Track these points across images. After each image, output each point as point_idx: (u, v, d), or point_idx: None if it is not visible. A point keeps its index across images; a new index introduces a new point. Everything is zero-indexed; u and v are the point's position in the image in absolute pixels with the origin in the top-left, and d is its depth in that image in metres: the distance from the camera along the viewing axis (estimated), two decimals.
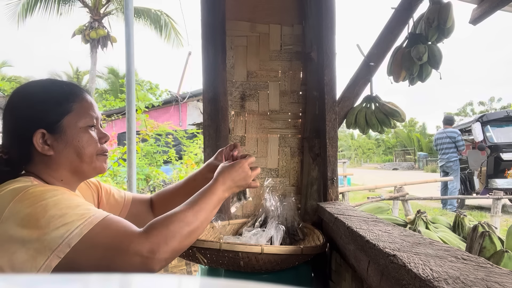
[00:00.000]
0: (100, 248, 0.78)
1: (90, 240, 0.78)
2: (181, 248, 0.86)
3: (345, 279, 1.30)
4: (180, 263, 3.05)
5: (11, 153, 0.94)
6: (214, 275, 1.36)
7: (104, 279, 0.31)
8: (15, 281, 0.28)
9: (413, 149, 34.48)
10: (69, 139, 0.94)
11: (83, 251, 0.77)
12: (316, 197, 1.84)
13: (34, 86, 0.99)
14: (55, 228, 0.76)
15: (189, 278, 0.33)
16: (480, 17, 1.95)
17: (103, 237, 0.79)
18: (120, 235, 0.79)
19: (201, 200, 0.95)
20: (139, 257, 0.78)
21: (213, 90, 1.81)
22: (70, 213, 0.79)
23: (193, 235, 0.89)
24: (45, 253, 0.76)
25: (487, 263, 0.62)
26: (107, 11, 14.49)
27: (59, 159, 0.94)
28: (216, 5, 1.83)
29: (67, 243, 0.76)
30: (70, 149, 0.94)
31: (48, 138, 0.92)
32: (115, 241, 0.79)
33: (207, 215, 0.94)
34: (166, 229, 0.83)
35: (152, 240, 0.80)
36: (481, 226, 1.80)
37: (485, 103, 36.33)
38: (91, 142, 0.97)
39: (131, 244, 0.78)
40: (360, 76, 2.02)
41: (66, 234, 0.76)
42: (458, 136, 7.61)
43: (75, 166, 0.96)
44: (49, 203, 0.79)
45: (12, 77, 18.22)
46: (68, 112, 0.94)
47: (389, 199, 4.93)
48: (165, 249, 0.81)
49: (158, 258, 0.80)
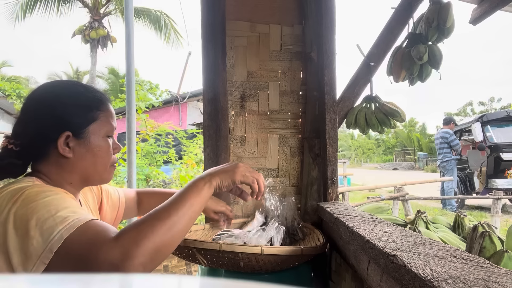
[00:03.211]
0: (74, 257, 0.74)
1: (68, 246, 0.74)
2: (159, 247, 0.77)
3: (345, 279, 1.30)
4: (180, 263, 3.05)
5: (24, 146, 0.92)
6: (214, 275, 1.36)
7: (104, 279, 0.31)
8: (16, 281, 0.28)
9: (413, 149, 34.48)
10: (90, 146, 0.95)
11: (61, 258, 0.74)
12: (316, 197, 1.84)
13: (67, 87, 0.99)
14: (40, 232, 0.74)
15: (189, 278, 0.33)
16: (480, 17, 1.95)
17: (76, 244, 0.74)
18: (90, 243, 0.74)
19: (178, 195, 0.87)
20: (109, 266, 0.71)
21: (213, 90, 1.81)
22: (56, 215, 0.76)
23: (173, 231, 0.80)
24: (32, 259, 0.74)
25: (487, 263, 0.62)
26: (107, 11, 14.50)
27: (75, 163, 0.94)
28: (216, 5, 1.83)
29: (49, 249, 0.74)
30: (89, 155, 0.96)
31: (71, 141, 0.93)
32: (85, 251, 0.73)
33: (186, 208, 0.84)
34: (135, 231, 0.76)
35: (121, 244, 0.73)
36: (481, 226, 1.79)
37: (485, 103, 36.33)
38: (108, 152, 0.99)
39: (99, 252, 0.72)
40: (360, 76, 2.02)
41: (49, 239, 0.74)
42: (450, 136, 7.67)
43: (88, 172, 0.97)
44: (39, 204, 0.77)
45: (12, 77, 18.21)
46: (95, 120, 0.96)
47: (389, 199, 4.94)
48: (137, 252, 0.73)
49: (132, 263, 0.72)
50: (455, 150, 7.67)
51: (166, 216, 0.81)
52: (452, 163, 7.63)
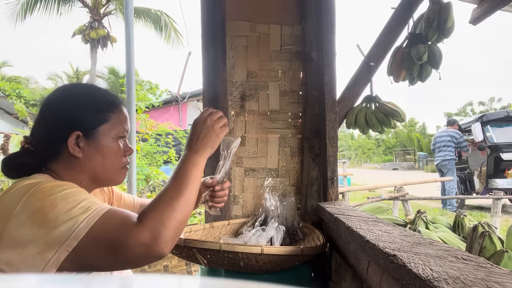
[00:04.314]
0: (104, 242, 0.78)
1: (95, 233, 0.78)
2: (180, 222, 0.84)
3: (345, 279, 1.30)
4: (180, 263, 3.05)
5: (39, 146, 0.95)
6: (214, 275, 1.36)
7: (105, 279, 0.31)
8: (16, 281, 0.28)
9: (413, 149, 34.48)
10: (100, 147, 0.97)
11: (89, 245, 0.78)
12: (316, 197, 1.84)
13: (81, 89, 1.03)
14: (63, 222, 0.77)
15: (189, 278, 0.33)
16: (480, 17, 1.95)
17: (104, 231, 0.78)
18: (118, 229, 0.79)
19: (180, 172, 0.92)
20: (142, 247, 0.77)
21: (213, 90, 1.81)
22: (77, 206, 0.79)
23: (187, 205, 0.87)
24: (53, 247, 0.76)
25: (487, 263, 0.62)
26: (107, 11, 14.49)
27: (85, 163, 0.96)
28: (216, 5, 1.83)
29: (74, 237, 0.77)
30: (99, 156, 0.97)
31: (81, 141, 0.95)
32: (115, 236, 0.78)
33: (191, 182, 0.91)
34: (157, 212, 0.82)
35: (148, 226, 0.79)
36: (481, 226, 1.80)
37: (485, 103, 36.32)
38: (118, 154, 1.01)
39: (129, 236, 0.77)
40: (360, 76, 2.02)
41: (74, 227, 0.77)
42: (460, 138, 7.68)
43: (98, 173, 0.99)
44: (57, 197, 0.80)
45: (12, 77, 18.22)
46: (106, 121, 0.98)
47: (389, 199, 4.93)
48: (164, 230, 0.80)
49: (162, 240, 0.79)
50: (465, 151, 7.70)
51: (179, 193, 0.87)
52: (453, 162, 7.65)
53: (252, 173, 1.90)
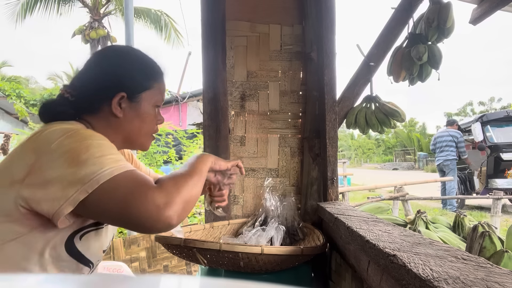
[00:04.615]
0: (123, 190, 0.80)
1: (116, 182, 0.80)
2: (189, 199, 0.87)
3: (345, 279, 1.30)
4: (180, 263, 3.05)
5: (79, 98, 0.98)
6: (214, 275, 1.36)
7: (105, 279, 0.31)
8: (16, 282, 0.28)
9: (413, 149, 34.48)
10: (140, 111, 1.02)
11: (108, 191, 0.80)
12: (316, 197, 1.84)
13: (133, 53, 1.06)
14: (91, 164, 0.80)
15: (189, 278, 0.33)
16: (480, 17, 1.95)
17: (125, 184, 0.81)
18: (138, 185, 0.82)
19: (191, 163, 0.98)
20: (154, 207, 0.79)
21: (213, 90, 1.81)
22: (108, 156, 0.83)
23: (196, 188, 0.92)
24: (76, 185, 0.79)
25: (487, 263, 0.62)
26: (107, 11, 14.48)
27: (123, 124, 1.01)
28: (216, 5, 1.83)
29: (96, 180, 0.79)
30: (138, 120, 1.02)
31: (124, 102, 0.99)
32: (133, 191, 0.80)
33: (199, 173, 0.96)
34: (174, 182, 0.86)
35: (166, 190, 0.82)
36: (481, 226, 1.80)
37: (485, 103, 36.32)
38: (153, 121, 1.06)
39: (147, 193, 0.80)
40: (360, 76, 2.02)
41: (98, 172, 0.79)
42: (460, 137, 7.69)
43: (132, 136, 1.04)
44: (93, 143, 0.84)
45: (12, 77, 18.21)
46: (149, 88, 1.03)
47: (389, 199, 4.93)
48: (178, 199, 0.83)
49: (173, 209, 0.81)
50: (460, 152, 7.70)
51: (190, 176, 0.92)
52: (455, 162, 7.65)
53: (252, 173, 1.90)
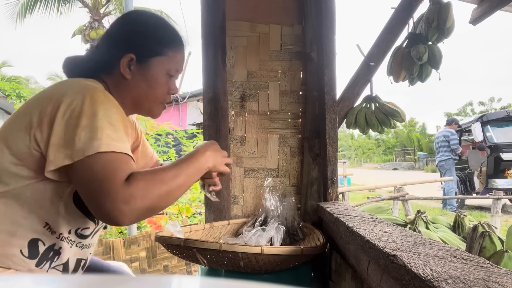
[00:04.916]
0: (97, 172, 0.80)
1: (95, 161, 0.80)
2: (154, 207, 0.85)
3: (345, 279, 1.30)
4: (180, 263, 3.05)
5: (100, 56, 1.02)
6: (214, 275, 1.36)
7: (105, 280, 0.31)
8: (14, 282, 0.28)
9: (413, 149, 34.48)
10: (148, 76, 1.01)
11: (85, 168, 0.80)
12: (316, 197, 1.84)
13: (151, 17, 1.08)
14: (87, 132, 0.81)
15: (189, 278, 0.33)
16: (480, 17, 1.95)
17: (101, 167, 0.80)
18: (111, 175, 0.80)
19: (182, 164, 0.94)
20: (110, 203, 0.78)
21: (213, 90, 1.81)
22: (106, 131, 0.82)
23: (170, 197, 0.88)
24: (65, 149, 0.81)
25: (487, 263, 0.62)
26: (107, 11, 14.48)
27: (130, 86, 1.01)
28: (216, 5, 1.83)
29: (82, 150, 0.80)
30: (144, 84, 1.02)
31: (133, 65, 1.00)
32: (104, 178, 0.80)
33: (186, 179, 0.92)
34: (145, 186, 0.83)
35: (131, 191, 0.80)
36: (481, 226, 1.80)
37: (485, 103, 36.31)
38: (163, 88, 1.04)
39: (113, 186, 0.79)
40: (360, 76, 2.02)
41: (89, 144, 0.80)
42: (451, 135, 7.70)
43: (138, 100, 1.04)
44: (100, 110, 0.83)
45: (12, 77, 18.20)
46: (162, 55, 1.02)
47: (389, 199, 4.93)
48: (138, 205, 0.80)
49: (129, 210, 0.79)
50: (453, 149, 7.70)
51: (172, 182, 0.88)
52: (450, 162, 7.64)
53: (252, 173, 1.90)
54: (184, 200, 4.68)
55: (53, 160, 0.81)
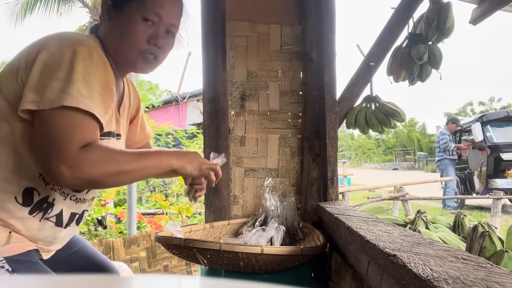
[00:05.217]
0: (52, 130, 0.79)
1: (60, 117, 0.80)
2: (97, 182, 0.84)
3: (345, 279, 1.30)
4: (180, 263, 3.05)
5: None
6: (214, 275, 1.36)
7: (105, 280, 0.31)
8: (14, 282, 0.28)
9: (413, 149, 34.47)
10: (120, 23, 0.96)
11: (48, 119, 0.80)
12: (316, 197, 1.84)
13: None
14: (60, 84, 0.80)
15: (189, 278, 0.33)
16: (480, 17, 1.95)
17: (63, 126, 0.80)
18: (69, 137, 0.79)
19: (144, 155, 0.92)
20: (56, 162, 0.78)
21: (213, 90, 1.81)
22: (78, 84, 0.81)
23: (117, 179, 0.87)
24: (34, 93, 0.80)
25: (487, 263, 0.62)
26: None
27: (108, 34, 0.98)
28: (216, 5, 1.83)
29: (49, 101, 0.79)
30: (118, 31, 0.98)
31: (111, 12, 0.98)
32: (62, 137, 0.79)
33: (140, 169, 0.89)
34: (97, 159, 0.82)
35: (80, 159, 0.79)
36: (481, 226, 1.80)
37: (485, 103, 36.32)
38: (136, 36, 0.95)
39: (65, 149, 0.78)
40: (360, 76, 2.02)
41: (56, 95, 0.79)
42: (440, 135, 7.79)
43: (115, 51, 0.98)
44: (78, 66, 0.82)
45: None
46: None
47: (389, 199, 4.93)
48: (82, 175, 0.80)
49: (71, 176, 0.79)
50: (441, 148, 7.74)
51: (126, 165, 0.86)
52: (445, 162, 7.65)
53: (252, 173, 1.90)
54: (184, 200, 4.68)
55: (23, 101, 0.81)
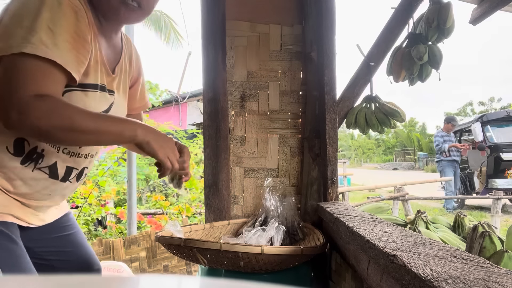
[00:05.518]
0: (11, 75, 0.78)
1: (20, 63, 0.78)
2: (45, 134, 0.82)
3: (345, 279, 1.30)
4: (180, 263, 3.05)
5: None
6: (214, 275, 1.36)
7: (105, 279, 0.31)
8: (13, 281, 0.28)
9: (413, 149, 34.49)
10: None
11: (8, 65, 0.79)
12: (316, 197, 1.84)
13: None
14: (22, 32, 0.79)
15: (189, 278, 0.33)
16: (480, 17, 1.95)
17: (22, 71, 0.78)
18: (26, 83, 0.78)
19: (105, 118, 0.91)
20: (8, 105, 0.77)
21: (213, 90, 1.81)
22: (41, 32, 0.79)
23: (68, 135, 0.84)
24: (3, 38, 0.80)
25: (487, 263, 0.62)
26: None
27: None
28: (216, 5, 1.83)
29: (10, 47, 0.78)
30: None
31: None
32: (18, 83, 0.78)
33: (96, 131, 0.86)
34: (49, 111, 0.80)
35: (32, 107, 0.78)
36: (481, 226, 1.79)
37: (485, 103, 36.33)
38: None
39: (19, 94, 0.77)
40: (360, 76, 2.02)
41: (18, 42, 0.78)
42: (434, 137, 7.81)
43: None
44: (44, 13, 0.80)
45: None
46: None
47: (389, 199, 4.93)
48: (30, 122, 0.78)
49: (18, 122, 0.78)
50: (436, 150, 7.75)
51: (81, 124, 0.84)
52: (442, 164, 7.65)
53: (252, 173, 1.90)
54: (184, 200, 4.68)
55: None
